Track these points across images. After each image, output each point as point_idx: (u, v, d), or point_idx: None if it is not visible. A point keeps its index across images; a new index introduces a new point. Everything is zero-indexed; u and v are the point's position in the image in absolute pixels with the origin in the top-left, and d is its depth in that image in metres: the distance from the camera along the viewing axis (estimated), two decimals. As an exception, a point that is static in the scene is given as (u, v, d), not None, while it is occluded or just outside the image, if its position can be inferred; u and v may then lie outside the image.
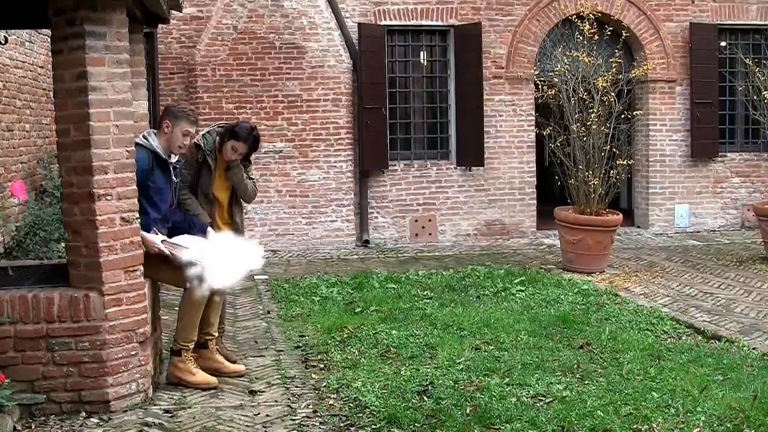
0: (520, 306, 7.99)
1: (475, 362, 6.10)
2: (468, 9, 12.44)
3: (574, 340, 6.74)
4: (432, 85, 12.87)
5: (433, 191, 12.52)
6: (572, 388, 5.52)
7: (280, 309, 8.07)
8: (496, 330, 7.05)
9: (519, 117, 12.67)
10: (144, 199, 5.45)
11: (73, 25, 4.89)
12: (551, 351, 6.42)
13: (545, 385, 5.59)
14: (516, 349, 6.48)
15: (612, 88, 10.75)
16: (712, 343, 6.73)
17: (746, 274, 9.72)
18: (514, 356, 6.26)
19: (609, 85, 10.54)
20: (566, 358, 6.20)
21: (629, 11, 12.76)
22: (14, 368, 4.90)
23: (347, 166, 12.01)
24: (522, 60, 12.58)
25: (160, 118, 5.73)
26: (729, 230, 13.23)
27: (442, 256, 11.35)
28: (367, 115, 11.97)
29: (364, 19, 12.16)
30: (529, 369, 5.94)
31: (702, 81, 12.96)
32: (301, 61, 11.79)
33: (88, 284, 5.00)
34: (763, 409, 5.07)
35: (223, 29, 11.68)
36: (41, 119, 10.25)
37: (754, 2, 13.18)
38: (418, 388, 5.52)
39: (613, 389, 5.50)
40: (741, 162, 13.43)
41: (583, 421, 4.92)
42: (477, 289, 8.71)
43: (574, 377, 5.77)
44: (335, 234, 11.94)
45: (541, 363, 6.07)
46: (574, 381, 5.69)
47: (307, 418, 5.01)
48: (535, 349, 6.49)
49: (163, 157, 5.61)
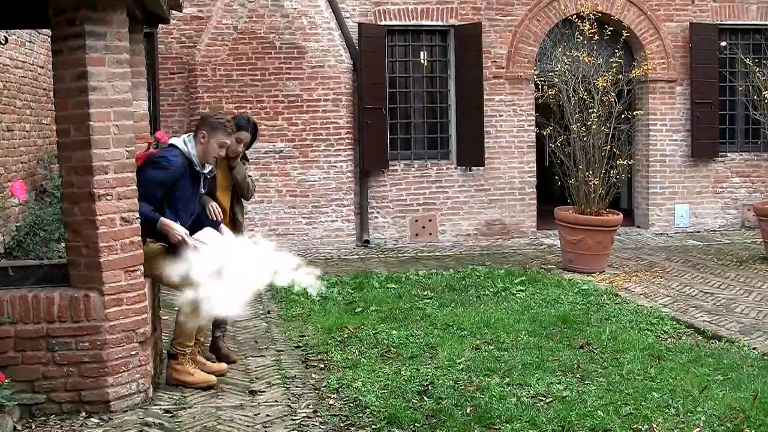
0: (520, 306, 7.99)
1: (475, 362, 6.10)
2: (468, 9, 12.44)
3: (574, 340, 6.74)
4: (432, 85, 12.87)
5: (434, 191, 12.52)
6: (572, 388, 5.52)
7: (280, 309, 8.07)
8: (497, 330, 7.05)
9: (519, 117, 12.67)
10: (166, 205, 5.43)
11: (73, 25, 4.90)
12: (551, 351, 6.42)
13: (545, 385, 5.59)
14: (516, 349, 6.48)
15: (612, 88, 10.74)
16: (712, 343, 6.73)
17: (746, 274, 9.72)
18: (515, 356, 6.26)
19: (609, 85, 10.54)
20: (566, 358, 6.20)
21: (629, 11, 12.76)
22: (14, 368, 4.90)
23: (347, 166, 12.01)
24: (522, 60, 12.58)
25: (197, 127, 5.63)
26: (729, 230, 13.23)
27: (442, 256, 11.35)
28: (368, 115, 11.97)
29: (364, 19, 12.16)
30: (529, 369, 5.94)
31: (702, 81, 12.96)
32: (302, 61, 11.79)
33: (89, 284, 5.00)
34: (764, 409, 5.07)
35: (224, 29, 11.68)
36: (41, 119, 10.25)
37: (754, 2, 13.18)
38: (418, 388, 5.52)
39: (614, 389, 5.50)
40: (741, 162, 13.43)
41: (584, 421, 4.92)
42: (477, 289, 8.71)
43: (574, 377, 5.77)
44: (335, 234, 11.95)
45: (541, 363, 6.07)
46: (574, 381, 5.69)
47: (308, 418, 5.01)
48: (536, 349, 6.49)
49: (196, 168, 5.57)
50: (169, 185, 5.39)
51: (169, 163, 5.44)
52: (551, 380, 5.68)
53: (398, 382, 5.67)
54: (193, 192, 5.62)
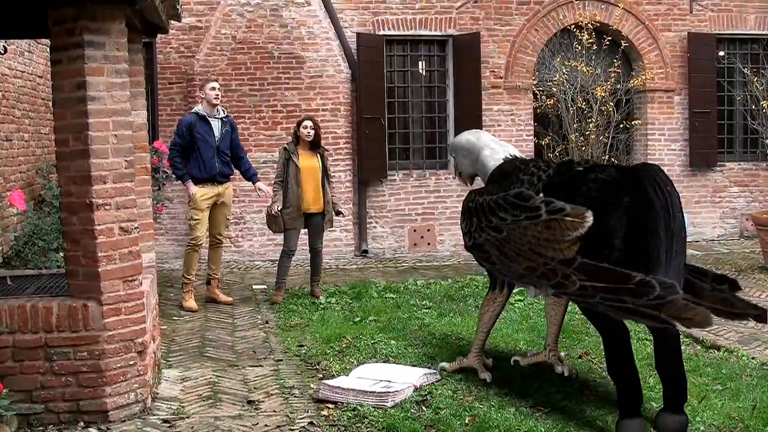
0: (518, 315, 7.99)
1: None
2: (467, 19, 12.47)
3: (572, 350, 6.74)
4: (431, 95, 12.88)
5: (432, 201, 12.53)
6: (571, 398, 5.52)
7: (279, 319, 8.07)
8: (495, 340, 7.05)
9: (518, 127, 12.67)
10: (196, 145, 8.61)
11: (72, 34, 4.90)
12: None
13: (544, 395, 5.59)
14: (515, 358, 6.47)
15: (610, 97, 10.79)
16: (711, 353, 6.73)
17: (745, 284, 9.70)
18: (513, 366, 6.25)
19: (608, 95, 10.59)
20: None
21: (628, 21, 12.78)
22: (12, 378, 4.89)
23: (346, 176, 12.02)
24: (521, 70, 12.60)
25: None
26: (728, 240, 13.24)
27: (440, 266, 11.35)
28: (366, 124, 11.98)
29: (362, 29, 12.18)
30: (527, 379, 5.93)
31: (700, 90, 12.98)
32: (300, 71, 11.81)
33: (87, 294, 5.00)
34: (763, 418, 5.06)
35: (222, 39, 11.71)
36: (40, 129, 10.26)
37: (753, 12, 13.22)
38: (416, 398, 5.51)
39: (612, 399, 5.49)
40: (739, 171, 13.44)
41: (583, 431, 4.91)
42: (476, 299, 8.70)
43: (572, 387, 5.77)
44: (334, 244, 11.94)
45: (539, 373, 6.06)
46: (572, 391, 5.68)
47: (306, 428, 5.00)
48: (534, 358, 6.48)
49: (208, 118, 8.74)
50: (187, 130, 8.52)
51: (180, 121, 8.75)
52: (550, 390, 5.68)
53: (397, 391, 5.66)
54: (208, 132, 8.58)
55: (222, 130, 8.66)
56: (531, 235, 5.12)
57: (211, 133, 8.58)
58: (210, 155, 8.54)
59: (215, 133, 8.61)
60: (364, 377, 5.75)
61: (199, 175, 8.53)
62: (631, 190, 4.88)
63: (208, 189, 8.56)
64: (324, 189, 8.86)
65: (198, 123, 8.52)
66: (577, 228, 4.86)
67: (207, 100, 8.62)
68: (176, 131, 8.75)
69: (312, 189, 8.78)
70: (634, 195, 4.86)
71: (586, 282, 4.76)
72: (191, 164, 8.56)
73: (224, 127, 8.69)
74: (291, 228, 8.82)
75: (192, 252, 8.61)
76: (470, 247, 5.91)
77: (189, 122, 8.55)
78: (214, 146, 8.57)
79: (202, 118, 8.56)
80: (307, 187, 8.75)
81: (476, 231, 5.72)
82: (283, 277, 8.98)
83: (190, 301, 8.52)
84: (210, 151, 8.54)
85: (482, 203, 5.67)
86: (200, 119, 8.55)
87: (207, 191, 8.55)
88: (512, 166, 5.86)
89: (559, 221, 4.94)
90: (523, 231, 5.19)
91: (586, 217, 4.84)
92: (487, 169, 6.13)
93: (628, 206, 4.87)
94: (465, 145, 6.49)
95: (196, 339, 7.31)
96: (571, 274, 4.84)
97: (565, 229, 4.91)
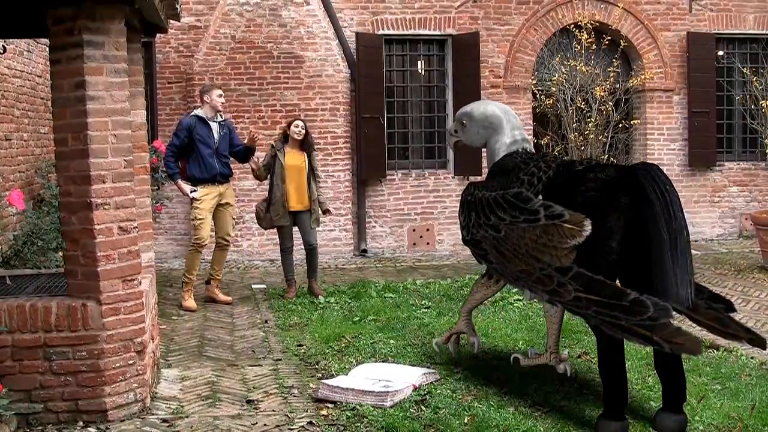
0: (518, 315, 7.99)
1: (473, 372, 6.09)
2: (466, 18, 12.47)
3: (572, 350, 6.73)
4: (430, 95, 12.89)
5: (431, 201, 12.53)
6: (570, 398, 5.52)
7: (278, 318, 8.07)
8: (494, 339, 7.05)
9: (517, 126, 12.64)
10: (195, 146, 8.66)
11: (71, 34, 4.90)
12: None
13: (543, 394, 5.59)
14: (514, 358, 6.47)
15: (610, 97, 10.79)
16: (710, 352, 6.72)
17: (744, 283, 9.72)
18: (512, 366, 6.25)
19: (607, 95, 10.59)
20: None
21: (627, 21, 12.79)
22: (12, 377, 4.89)
23: (345, 176, 12.02)
24: (520, 69, 12.60)
25: (200, 100, 8.51)
26: (727, 239, 13.25)
27: (439, 266, 11.35)
28: (365, 124, 11.99)
29: (362, 28, 12.18)
30: (526, 379, 5.93)
31: (699, 90, 12.99)
32: (299, 70, 11.81)
33: (86, 293, 5.00)
34: (762, 418, 5.06)
35: (221, 38, 11.70)
36: (39, 128, 10.26)
37: (752, 11, 13.23)
38: (415, 398, 5.51)
39: (612, 399, 5.49)
40: (739, 171, 13.45)
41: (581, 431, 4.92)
42: (475, 299, 8.70)
43: (572, 387, 5.77)
44: (333, 243, 11.94)
45: (539, 372, 6.06)
46: (572, 391, 5.68)
47: (305, 427, 5.00)
48: (533, 358, 6.48)
49: (207, 120, 8.72)
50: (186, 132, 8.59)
51: (180, 122, 8.86)
52: (549, 390, 5.68)
53: (396, 391, 5.66)
54: (208, 134, 8.67)
55: (221, 132, 8.77)
56: (529, 238, 5.11)
57: (210, 136, 8.68)
58: (209, 157, 8.61)
59: (214, 136, 8.72)
60: (364, 377, 5.75)
61: (200, 175, 8.57)
62: (629, 189, 4.88)
63: (209, 189, 8.60)
64: (310, 188, 8.93)
65: (198, 125, 8.63)
66: (575, 236, 4.85)
67: (212, 106, 8.73)
68: (175, 132, 8.80)
69: (296, 188, 8.89)
70: (633, 195, 4.85)
71: (581, 293, 4.76)
72: (191, 165, 8.60)
73: (222, 130, 8.81)
74: (279, 225, 8.95)
75: (195, 252, 8.63)
76: (467, 240, 5.89)
77: (189, 124, 8.64)
78: (213, 149, 8.67)
79: (202, 121, 8.67)
80: (291, 185, 8.87)
81: (474, 226, 5.69)
82: (290, 274, 9.14)
83: (189, 300, 8.53)
84: (209, 153, 8.61)
85: (480, 198, 5.64)
86: (200, 122, 8.67)
87: (208, 190, 8.59)
88: (513, 162, 5.71)
89: (557, 227, 4.93)
90: (521, 233, 5.18)
91: (585, 226, 4.83)
92: (495, 157, 5.95)
93: (627, 206, 4.87)
94: (490, 117, 6.03)
95: (196, 338, 7.32)
96: (567, 283, 4.83)
97: (563, 237, 4.90)
